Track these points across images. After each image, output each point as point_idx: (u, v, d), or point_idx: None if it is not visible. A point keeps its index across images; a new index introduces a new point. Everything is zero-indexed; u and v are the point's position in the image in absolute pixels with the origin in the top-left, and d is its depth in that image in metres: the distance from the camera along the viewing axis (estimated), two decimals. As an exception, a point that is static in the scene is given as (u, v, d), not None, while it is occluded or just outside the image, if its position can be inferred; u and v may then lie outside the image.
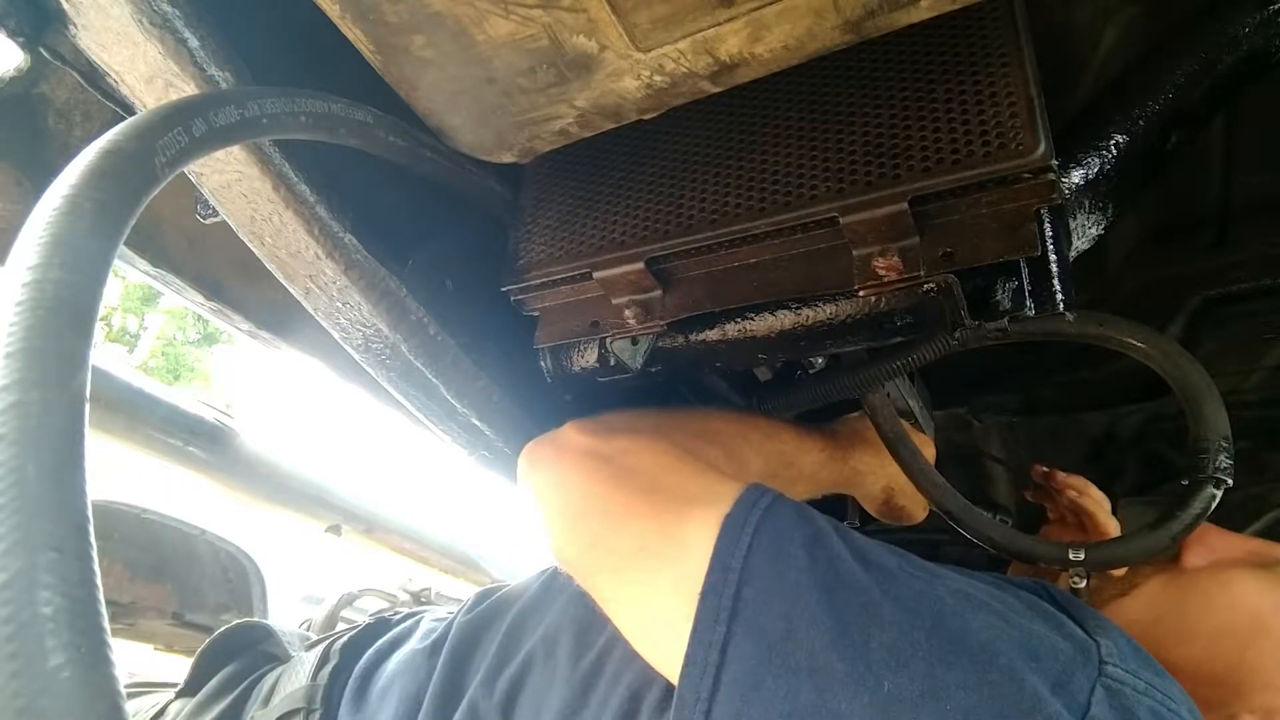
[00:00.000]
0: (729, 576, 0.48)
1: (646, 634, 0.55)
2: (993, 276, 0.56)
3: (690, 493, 0.58)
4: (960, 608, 0.46)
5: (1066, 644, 0.45)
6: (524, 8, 0.46)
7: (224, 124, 0.39)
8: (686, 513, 0.55)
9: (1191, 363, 0.67)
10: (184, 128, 0.36)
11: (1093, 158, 0.62)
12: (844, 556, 0.49)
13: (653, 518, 0.56)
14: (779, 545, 0.49)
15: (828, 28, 0.47)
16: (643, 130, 0.66)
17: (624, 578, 0.56)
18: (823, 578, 0.47)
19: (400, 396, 0.72)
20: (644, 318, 0.66)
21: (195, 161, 0.37)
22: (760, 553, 0.49)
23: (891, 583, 0.47)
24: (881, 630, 0.44)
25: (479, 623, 0.81)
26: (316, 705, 0.81)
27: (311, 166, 0.58)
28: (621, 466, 0.63)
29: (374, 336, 0.66)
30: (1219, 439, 0.65)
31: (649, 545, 0.55)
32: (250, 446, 1.61)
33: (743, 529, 0.50)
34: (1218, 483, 0.65)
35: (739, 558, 0.49)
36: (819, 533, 0.51)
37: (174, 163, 0.35)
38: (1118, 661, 0.45)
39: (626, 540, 0.56)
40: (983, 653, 0.42)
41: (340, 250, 0.60)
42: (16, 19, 0.55)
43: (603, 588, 0.59)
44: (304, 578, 2.98)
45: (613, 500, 0.60)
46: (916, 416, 1.02)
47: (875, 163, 0.54)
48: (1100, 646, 0.46)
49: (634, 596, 0.55)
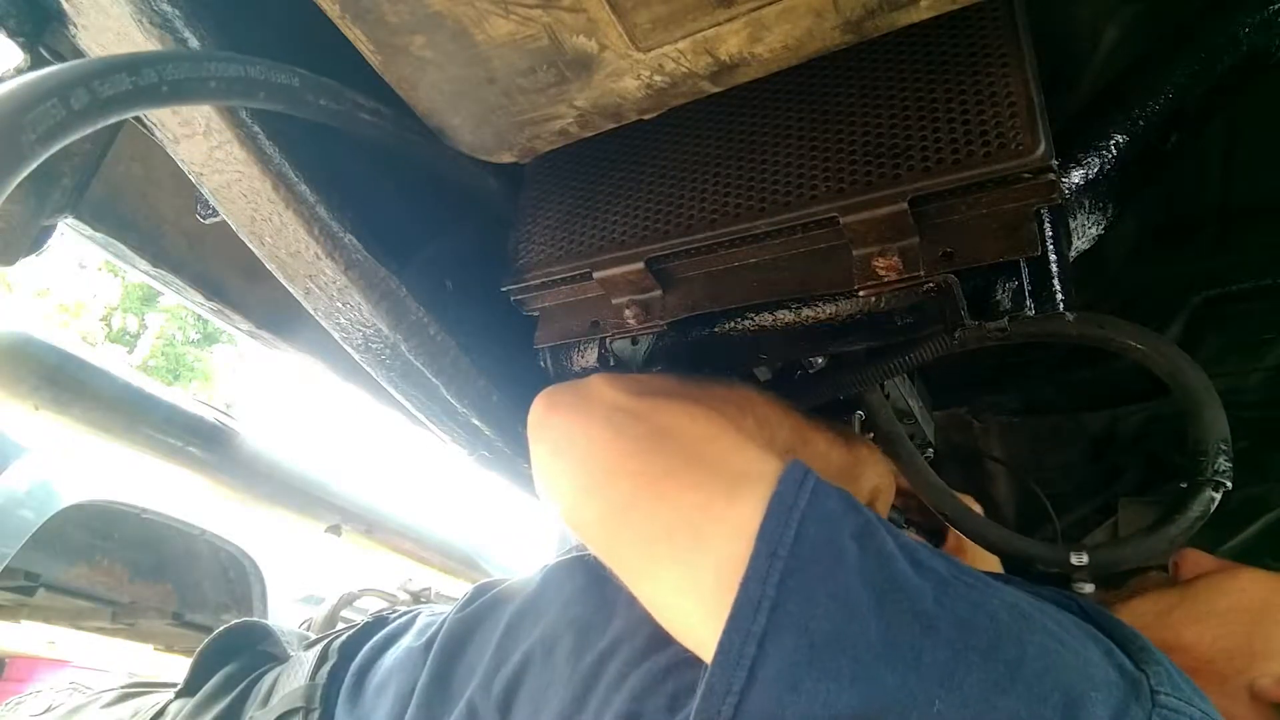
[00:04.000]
0: (774, 564, 0.44)
1: (678, 612, 0.51)
2: (993, 276, 0.55)
3: (735, 466, 0.53)
4: (1016, 626, 0.43)
5: (1120, 676, 0.43)
6: (524, 8, 0.46)
7: (111, 94, 0.35)
8: (734, 489, 0.50)
9: (1191, 365, 0.67)
10: (60, 99, 0.32)
11: (1093, 158, 0.62)
12: (895, 555, 0.46)
13: (695, 489, 0.52)
14: (829, 535, 0.46)
15: (828, 28, 0.47)
16: (643, 130, 0.66)
17: (657, 551, 0.51)
18: (874, 577, 0.44)
19: (400, 396, 0.72)
20: (644, 318, 0.66)
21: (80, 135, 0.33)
22: (809, 541, 0.45)
23: (945, 591, 0.44)
24: (935, 645, 0.41)
25: (472, 620, 0.81)
26: (315, 705, 0.81)
27: (312, 166, 0.58)
28: (658, 426, 0.58)
29: (374, 336, 0.66)
30: (1218, 441, 0.65)
31: (691, 519, 0.50)
32: (250, 446, 1.61)
33: (790, 511, 0.47)
34: (1217, 485, 0.65)
35: (786, 544, 0.45)
36: (868, 524, 0.48)
37: (48, 139, 0.32)
38: (1170, 690, 0.43)
39: (664, 511, 0.52)
40: (1039, 681, 0.40)
41: (340, 250, 0.60)
42: (16, 19, 0.55)
43: (629, 559, 0.55)
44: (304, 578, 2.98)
45: (649, 463, 0.55)
46: (916, 416, 1.02)
47: (875, 163, 0.54)
48: (1150, 677, 0.44)
49: (668, 573, 0.51)
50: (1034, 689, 0.39)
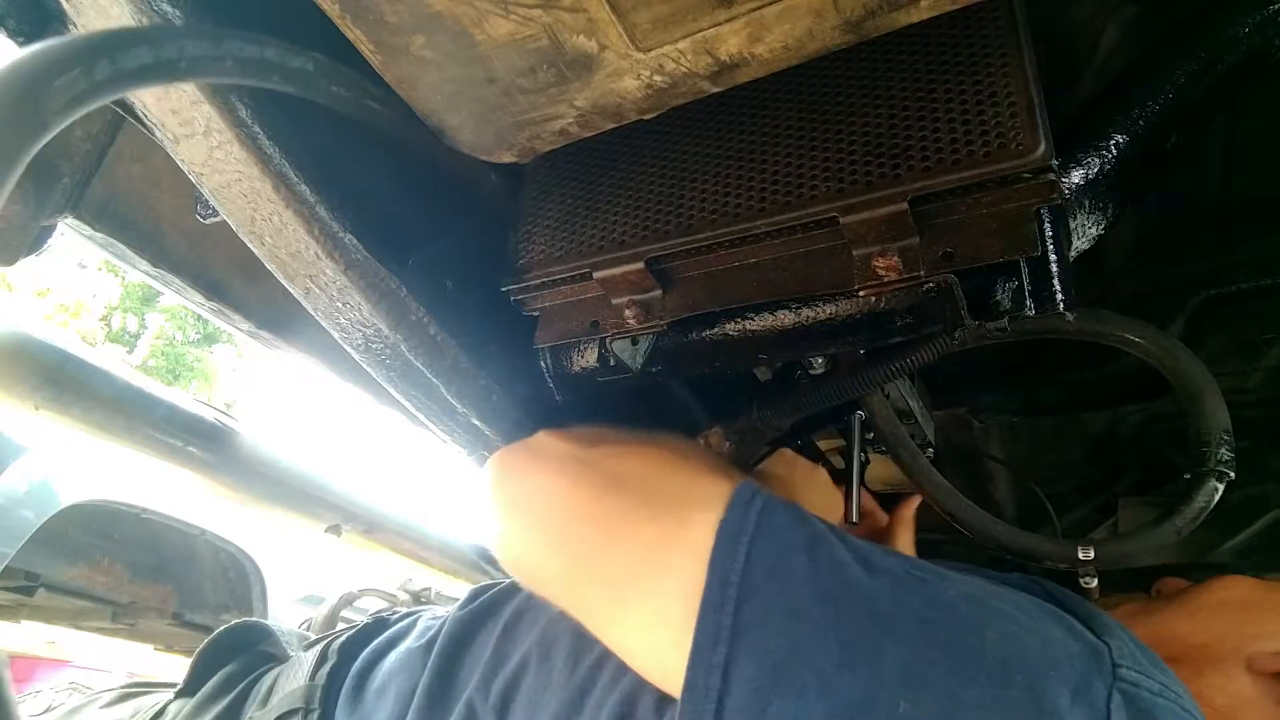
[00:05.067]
0: (728, 591, 0.45)
1: (651, 648, 0.51)
2: (993, 276, 0.56)
3: (688, 494, 0.54)
4: (974, 615, 0.43)
5: (1081, 648, 0.44)
6: (524, 8, 0.46)
7: (134, 66, 0.34)
8: (688, 515, 0.51)
9: (1190, 358, 0.67)
10: (84, 69, 0.32)
11: (1093, 158, 0.62)
12: (847, 561, 0.47)
13: (653, 522, 0.53)
14: (778, 554, 0.47)
15: (828, 28, 0.47)
16: (643, 130, 0.66)
17: (624, 591, 0.52)
18: (827, 587, 0.45)
19: (400, 396, 0.72)
20: (644, 318, 0.66)
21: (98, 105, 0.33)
22: (759, 563, 0.46)
23: (900, 589, 0.45)
24: (895, 645, 0.41)
25: (471, 620, 0.81)
26: (315, 705, 0.81)
27: (312, 167, 0.58)
28: (612, 472, 0.59)
29: (374, 336, 0.65)
30: (1220, 432, 0.65)
31: (652, 553, 0.51)
32: (250, 446, 1.61)
33: (739, 537, 0.47)
34: (1220, 475, 0.65)
35: (737, 570, 0.46)
36: (817, 535, 0.49)
37: (70, 108, 0.31)
38: (1130, 664, 0.44)
39: (627, 549, 0.52)
40: (1001, 667, 0.40)
41: (340, 250, 0.60)
42: (16, 19, 0.55)
43: (599, 603, 0.55)
44: (304, 578, 2.98)
45: (609, 506, 0.56)
46: (916, 416, 1.02)
47: (875, 163, 0.54)
48: (1111, 648, 0.44)
49: (637, 610, 0.51)
50: (996, 676, 0.40)
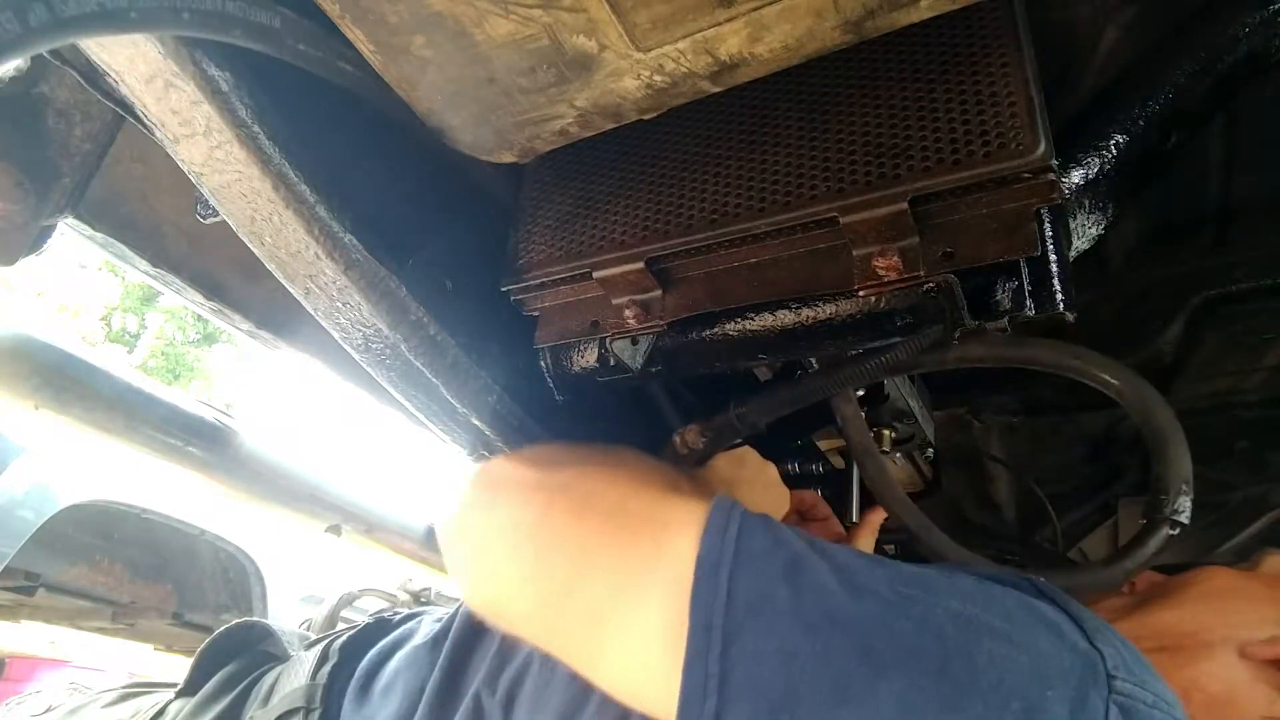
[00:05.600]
0: (713, 635, 0.43)
1: (634, 695, 0.49)
2: (993, 276, 0.55)
3: (661, 518, 0.52)
4: (964, 638, 0.42)
5: (1075, 660, 0.43)
6: (524, 8, 0.46)
7: (74, 13, 0.32)
8: (659, 547, 0.49)
9: (1160, 404, 0.67)
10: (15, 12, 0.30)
11: (1093, 158, 0.62)
12: (830, 588, 0.45)
13: (624, 552, 0.50)
14: (760, 586, 0.45)
15: (828, 28, 0.47)
16: (643, 130, 0.66)
17: (599, 633, 0.49)
18: (813, 619, 0.43)
19: (400, 396, 0.72)
20: (644, 317, 0.66)
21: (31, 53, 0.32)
22: (742, 599, 0.44)
23: (888, 613, 0.44)
24: (887, 678, 0.40)
25: (479, 619, 0.81)
26: (316, 704, 0.81)
27: (312, 166, 0.58)
28: (579, 497, 0.56)
29: (374, 336, 0.65)
30: (1180, 482, 0.66)
31: (624, 591, 0.49)
32: (250, 446, 1.61)
33: (718, 570, 0.46)
34: (1173, 524, 0.67)
35: (720, 610, 0.44)
36: (797, 557, 0.47)
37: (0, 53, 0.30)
38: (1125, 674, 0.43)
39: (604, 581, 0.50)
40: (995, 692, 0.40)
41: (340, 250, 0.60)
42: (16, 19, 0.54)
43: (573, 647, 0.53)
44: (304, 578, 2.98)
45: (580, 536, 0.53)
46: (916, 416, 1.02)
47: (875, 162, 0.54)
48: (1105, 658, 0.44)
49: (614, 655, 0.49)
50: (990, 702, 0.39)
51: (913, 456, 1.28)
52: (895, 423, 1.03)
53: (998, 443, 1.48)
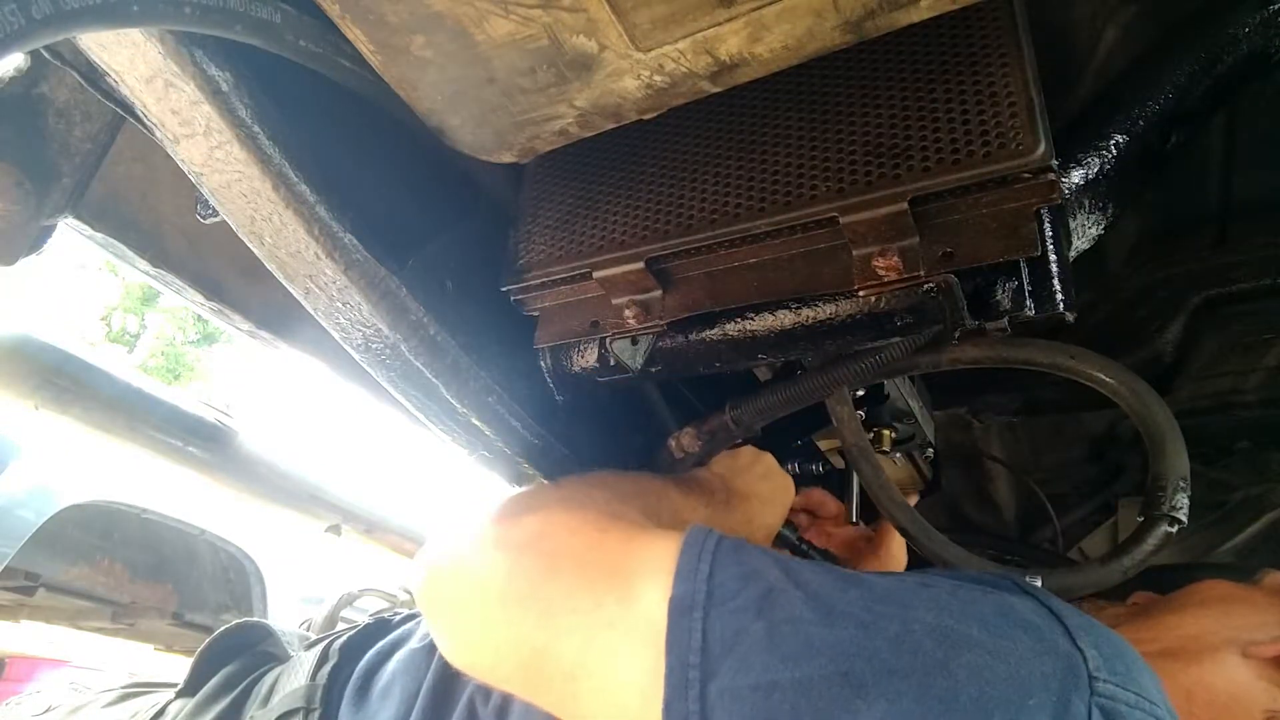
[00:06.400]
0: (690, 675, 0.44)
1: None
2: (993, 276, 0.56)
3: (627, 567, 0.52)
4: (942, 654, 0.42)
5: (1055, 664, 0.43)
6: (524, 8, 0.46)
7: (78, 6, 0.33)
8: (630, 593, 0.49)
9: (1158, 402, 0.67)
10: (19, 5, 0.31)
11: (1093, 158, 0.62)
12: (804, 617, 0.45)
13: (595, 607, 0.50)
14: (735, 625, 0.45)
15: (828, 28, 0.47)
16: (643, 130, 0.66)
17: (577, 691, 0.49)
18: (790, 650, 0.43)
19: (400, 396, 0.72)
20: (644, 317, 0.66)
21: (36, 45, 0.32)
22: (717, 640, 0.44)
23: (865, 636, 0.44)
24: (869, 702, 0.41)
25: None
26: (315, 705, 0.81)
27: (312, 166, 0.58)
28: (543, 553, 0.56)
29: (374, 336, 0.66)
30: (1178, 479, 0.66)
31: (596, 648, 0.49)
32: (250, 446, 1.61)
33: (691, 610, 0.46)
34: (1172, 521, 0.67)
35: (695, 650, 0.44)
36: (769, 592, 0.47)
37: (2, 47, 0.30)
38: (1106, 675, 0.43)
39: (571, 647, 0.50)
40: (975, 708, 0.40)
41: (340, 250, 0.60)
42: (16, 19, 0.54)
43: (557, 705, 0.52)
44: (304, 578, 2.98)
45: (547, 598, 0.53)
46: (916, 416, 1.02)
47: (875, 163, 0.54)
48: (1087, 659, 0.44)
49: (595, 712, 0.49)
50: (973, 716, 0.40)
51: (913, 456, 1.28)
52: (895, 423, 1.03)
53: (998, 443, 1.48)
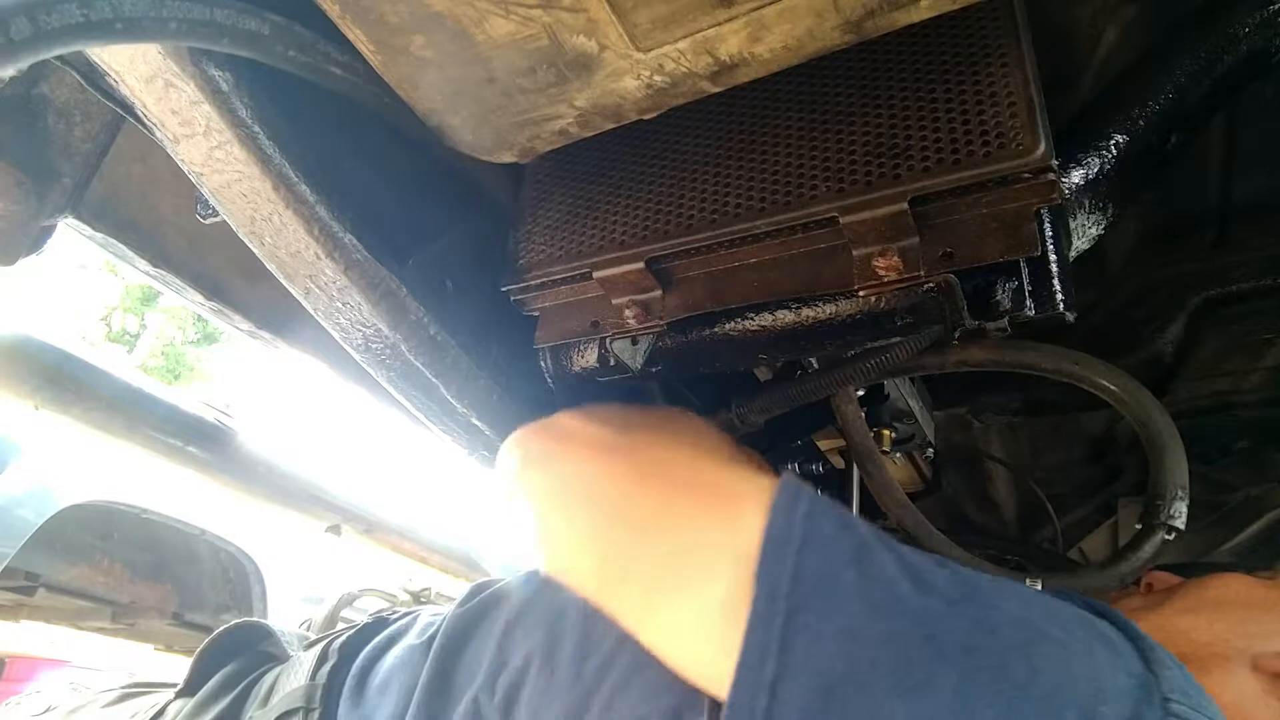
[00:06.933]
0: (776, 605, 0.43)
1: (689, 652, 0.48)
2: (993, 276, 0.55)
3: (730, 491, 0.52)
4: (1023, 640, 0.42)
5: (1130, 680, 0.43)
6: (524, 8, 0.46)
7: (58, 25, 0.32)
8: (728, 519, 0.49)
9: (1159, 411, 0.68)
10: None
11: (1093, 158, 0.62)
12: (896, 577, 0.45)
13: (691, 522, 0.50)
14: (828, 566, 0.45)
15: (828, 28, 0.47)
16: (643, 130, 0.66)
17: (661, 595, 0.49)
18: (879, 604, 0.43)
19: (400, 396, 0.72)
20: (644, 317, 0.66)
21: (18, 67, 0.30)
22: (808, 576, 0.44)
23: (951, 611, 0.43)
24: (946, 671, 0.40)
25: (472, 617, 0.81)
26: (315, 704, 0.81)
27: (312, 166, 0.58)
28: (649, 460, 0.57)
29: (374, 336, 0.66)
30: (1177, 488, 0.67)
31: (690, 559, 0.49)
32: (250, 446, 1.61)
33: (785, 546, 0.45)
34: (1169, 529, 0.67)
35: (785, 581, 0.44)
36: (865, 544, 0.47)
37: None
38: (1180, 698, 0.43)
39: (669, 546, 0.50)
40: (1050, 699, 0.39)
41: (340, 250, 0.60)
42: (16, 19, 0.54)
43: (631, 606, 0.52)
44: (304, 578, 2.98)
45: (648, 497, 0.53)
46: (916, 416, 1.02)
47: (875, 163, 0.54)
48: (1161, 681, 0.43)
49: (673, 618, 0.49)
50: (1044, 708, 0.39)
51: (913, 456, 1.28)
52: (895, 423, 1.03)
53: (998, 443, 1.48)
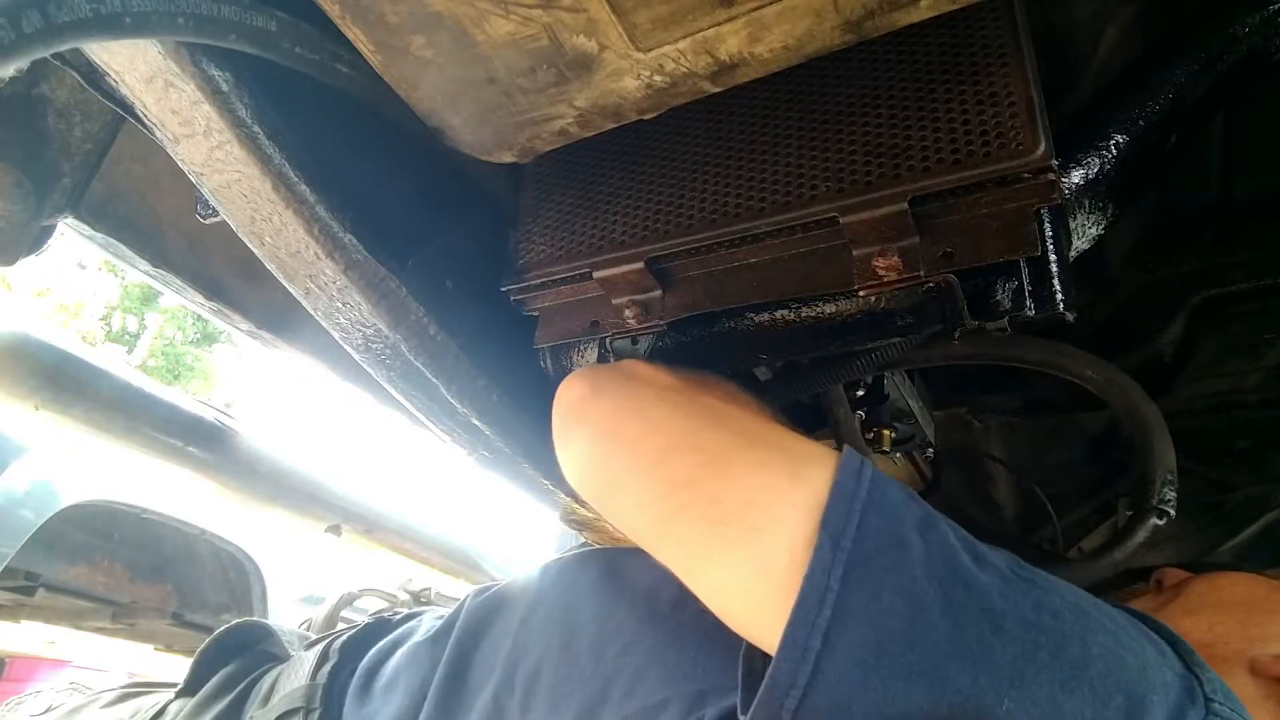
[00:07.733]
0: (838, 555, 0.43)
1: (743, 597, 0.48)
2: (993, 276, 0.55)
3: (793, 448, 0.51)
4: (1079, 626, 0.43)
5: (1175, 678, 0.43)
6: (524, 8, 0.46)
7: (68, 19, 0.32)
8: (797, 470, 0.48)
9: (1143, 398, 0.68)
10: (9, 19, 0.30)
11: (1093, 158, 0.62)
12: (958, 549, 0.45)
13: (759, 468, 0.49)
14: (892, 526, 0.45)
15: (828, 28, 0.47)
16: (643, 130, 0.66)
17: (723, 531, 0.48)
18: (939, 572, 0.43)
19: (400, 396, 0.72)
20: (644, 317, 0.66)
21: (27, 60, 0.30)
22: (872, 532, 0.44)
23: (1009, 587, 0.44)
24: (1004, 643, 0.40)
25: (484, 615, 0.81)
26: (316, 704, 0.81)
27: (311, 166, 0.58)
28: (710, 406, 0.56)
29: (374, 336, 0.66)
30: (1165, 472, 0.67)
31: (757, 499, 0.48)
32: (250, 446, 1.61)
33: (853, 500, 0.45)
34: (1160, 514, 0.68)
35: (849, 534, 0.44)
36: (929, 516, 0.47)
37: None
38: (1223, 699, 0.43)
39: (730, 490, 0.49)
40: (1102, 683, 0.40)
41: (340, 250, 0.60)
42: (16, 19, 0.54)
43: (691, 541, 0.50)
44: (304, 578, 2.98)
45: (710, 440, 0.52)
46: (916, 416, 1.02)
47: (875, 163, 0.54)
48: (1203, 684, 0.44)
49: (732, 558, 0.48)
50: (1098, 691, 0.40)
51: (913, 456, 1.28)
52: (895, 422, 1.03)
53: (998, 443, 1.48)
